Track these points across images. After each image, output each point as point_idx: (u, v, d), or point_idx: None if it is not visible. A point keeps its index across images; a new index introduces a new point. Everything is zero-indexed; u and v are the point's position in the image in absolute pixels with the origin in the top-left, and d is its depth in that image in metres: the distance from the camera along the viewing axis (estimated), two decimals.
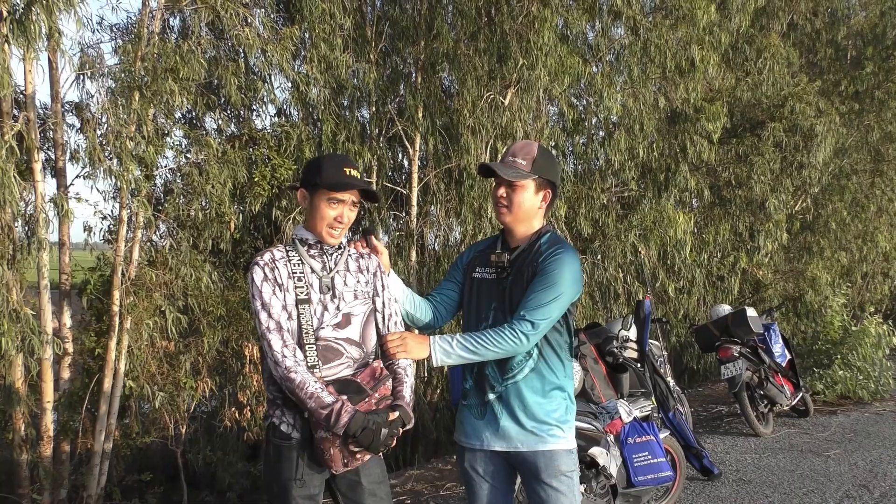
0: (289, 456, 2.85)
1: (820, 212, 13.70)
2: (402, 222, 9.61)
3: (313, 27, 7.69)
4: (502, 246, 3.24)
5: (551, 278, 3.01)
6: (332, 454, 2.77)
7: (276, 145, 8.08)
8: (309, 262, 2.93)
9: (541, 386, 3.11)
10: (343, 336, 2.92)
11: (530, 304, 2.99)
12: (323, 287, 2.92)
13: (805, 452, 7.23)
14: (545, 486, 3.08)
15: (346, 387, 2.81)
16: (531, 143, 3.16)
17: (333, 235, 2.94)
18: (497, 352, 2.97)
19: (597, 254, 10.38)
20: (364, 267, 3.09)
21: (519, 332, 2.95)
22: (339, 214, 2.91)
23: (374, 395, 2.84)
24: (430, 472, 7.06)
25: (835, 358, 9.88)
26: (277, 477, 2.87)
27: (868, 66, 13.64)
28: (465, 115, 8.65)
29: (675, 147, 10.75)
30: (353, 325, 2.96)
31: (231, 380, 8.21)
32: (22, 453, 6.32)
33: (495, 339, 2.95)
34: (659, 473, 4.92)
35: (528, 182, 3.09)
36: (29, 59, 5.93)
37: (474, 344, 2.95)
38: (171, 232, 7.34)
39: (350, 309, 2.96)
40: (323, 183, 2.89)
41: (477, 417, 3.18)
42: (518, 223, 3.16)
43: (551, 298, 2.99)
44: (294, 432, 2.86)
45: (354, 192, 2.93)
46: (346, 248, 3.06)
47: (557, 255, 3.05)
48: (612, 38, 10.23)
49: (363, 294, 3.02)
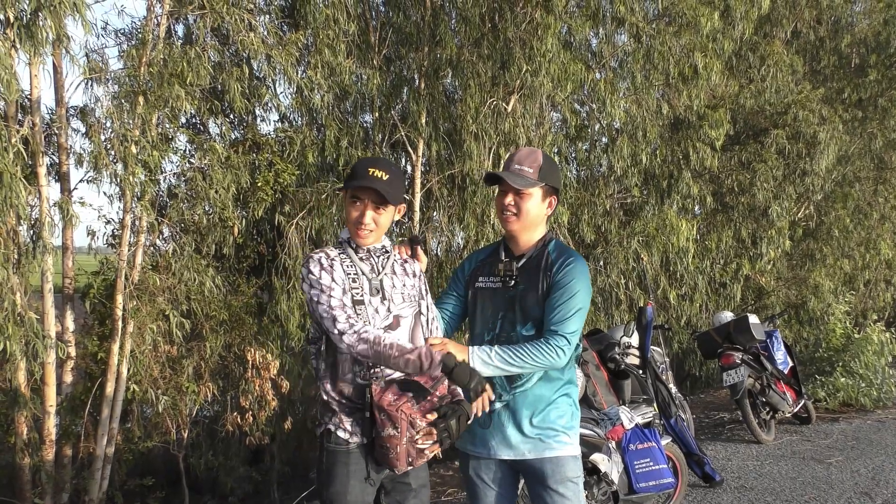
0: (346, 461, 2.83)
1: (823, 219, 13.69)
2: (405, 228, 9.62)
3: (317, 33, 7.71)
4: (506, 254, 3.24)
5: (571, 289, 3.04)
6: (398, 452, 2.73)
7: (280, 150, 8.10)
8: (359, 264, 2.95)
9: (547, 393, 3.12)
10: (394, 338, 2.91)
11: (558, 319, 3.02)
12: (373, 289, 2.93)
13: (807, 460, 7.22)
14: (551, 493, 3.08)
15: (408, 386, 2.81)
16: (536, 151, 3.17)
17: (360, 236, 2.94)
18: (534, 365, 2.98)
19: (599, 260, 10.38)
20: (410, 271, 3.11)
21: (556, 347, 2.97)
22: (361, 215, 2.90)
23: (435, 395, 2.83)
24: (432, 479, 7.04)
25: (837, 365, 9.86)
26: (332, 482, 2.84)
27: (871, 74, 13.64)
28: (468, 121, 8.66)
29: (678, 154, 10.75)
30: (403, 326, 2.98)
31: (233, 384, 8.22)
32: (24, 457, 6.32)
33: (533, 352, 2.96)
34: (660, 480, 4.92)
35: (535, 190, 3.12)
36: (35, 64, 5.96)
37: (512, 356, 2.96)
38: (174, 236, 7.36)
39: (399, 311, 2.98)
40: (349, 180, 2.93)
41: (483, 426, 3.18)
42: (525, 231, 3.17)
43: (576, 310, 3.03)
44: (352, 437, 2.84)
45: (372, 192, 2.90)
46: (391, 251, 3.07)
47: (570, 266, 3.08)
48: (615, 44, 10.26)
49: (410, 297, 3.04)
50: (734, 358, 7.81)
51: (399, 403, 2.74)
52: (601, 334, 5.98)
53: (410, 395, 2.77)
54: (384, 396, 2.76)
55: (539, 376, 3.11)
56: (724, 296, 12.13)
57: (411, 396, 2.77)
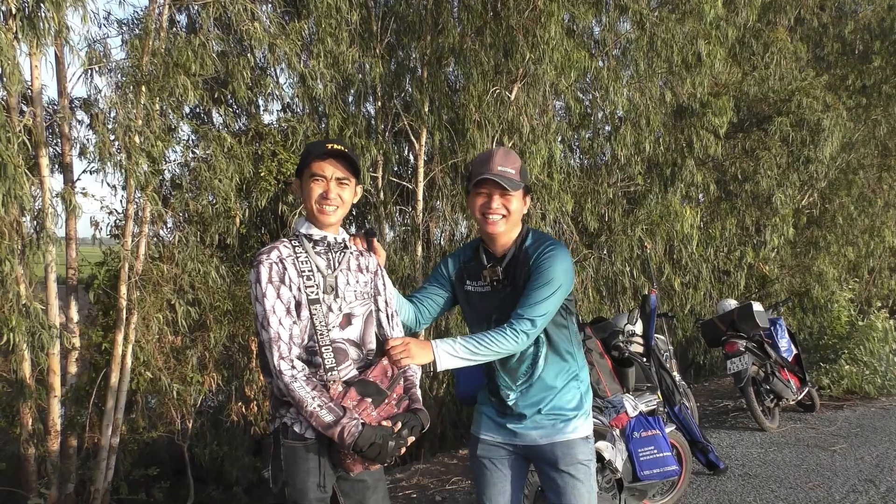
0: (305, 457, 2.77)
1: (827, 206, 13.66)
2: (408, 217, 9.62)
3: (320, 22, 7.69)
4: (487, 257, 3.24)
5: (546, 276, 3.02)
6: (354, 458, 2.71)
7: (283, 140, 8.09)
8: (315, 259, 2.88)
9: (555, 383, 3.13)
10: (346, 337, 2.88)
11: (527, 302, 3.01)
12: (327, 287, 2.86)
13: (811, 447, 7.22)
14: (562, 474, 3.09)
15: (367, 388, 2.75)
16: (511, 152, 3.18)
17: (326, 212, 2.86)
18: (499, 350, 2.97)
19: (603, 248, 10.37)
20: (364, 266, 3.04)
21: (519, 331, 2.96)
22: (325, 190, 2.84)
23: (393, 396, 2.80)
24: (436, 467, 7.07)
25: (841, 353, 9.86)
26: (293, 480, 2.77)
27: (875, 61, 13.59)
28: (471, 110, 8.65)
29: (682, 142, 10.73)
30: (354, 325, 2.92)
31: (238, 374, 8.25)
32: (29, 448, 6.35)
33: (496, 338, 2.96)
34: (664, 468, 4.92)
35: (519, 191, 3.13)
36: (37, 55, 5.95)
37: (476, 345, 2.95)
38: (178, 226, 7.36)
39: (350, 309, 2.92)
40: (305, 161, 2.87)
41: (497, 415, 3.21)
42: (509, 231, 3.17)
43: (547, 295, 3.01)
44: (308, 432, 2.76)
45: (338, 166, 2.85)
46: (350, 246, 3.01)
47: (549, 253, 3.07)
48: (618, 32, 10.23)
49: (362, 294, 2.98)
50: (738, 346, 7.80)
51: (360, 409, 2.70)
52: (605, 322, 5.97)
53: (370, 402, 2.73)
54: (344, 400, 2.71)
55: (542, 368, 3.13)
56: (727, 284, 12.13)
57: (370, 402, 2.73)
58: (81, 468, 6.79)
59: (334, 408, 2.67)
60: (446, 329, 8.74)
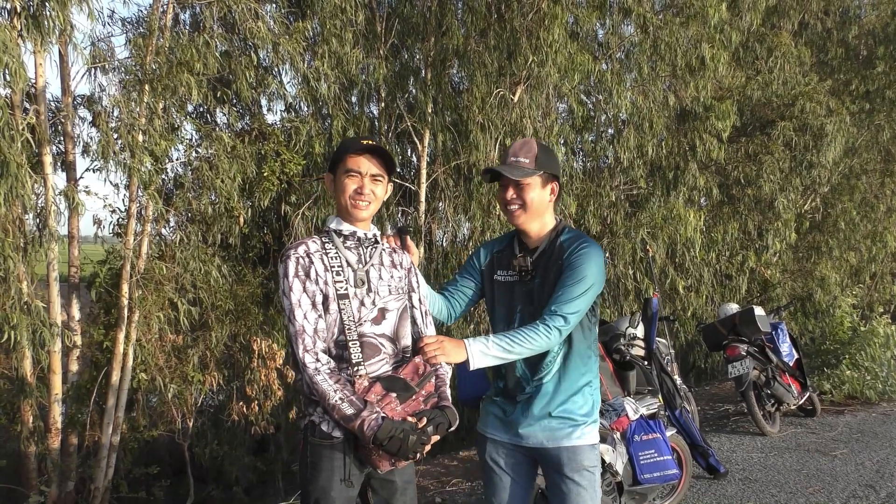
0: (330, 456, 2.76)
1: (829, 211, 13.65)
2: (411, 218, 9.62)
3: (324, 22, 7.70)
4: (520, 247, 3.24)
5: (580, 272, 3.01)
6: (381, 454, 2.68)
7: (286, 140, 8.10)
8: (345, 254, 2.87)
9: (571, 383, 3.12)
10: (379, 332, 2.87)
11: (561, 299, 2.99)
12: (357, 281, 2.85)
13: (812, 452, 7.21)
14: (567, 481, 3.08)
15: (393, 384, 2.75)
16: (529, 141, 3.17)
17: (360, 207, 2.87)
18: (532, 348, 2.95)
19: (605, 251, 10.36)
20: (398, 262, 3.04)
21: (552, 327, 2.95)
22: (360, 186, 2.85)
23: (422, 393, 2.79)
24: (437, 468, 7.06)
25: (842, 358, 9.85)
26: (316, 478, 2.77)
27: (879, 66, 13.58)
28: (474, 112, 8.65)
29: (685, 145, 10.73)
30: (388, 320, 2.90)
31: (239, 374, 8.24)
32: (30, 445, 6.35)
33: (529, 335, 2.94)
34: (665, 471, 4.91)
35: (534, 179, 3.11)
36: (40, 53, 5.95)
37: (510, 342, 2.93)
38: (180, 226, 7.36)
39: (384, 304, 2.91)
40: (339, 155, 2.88)
41: (507, 414, 3.20)
42: (532, 221, 3.16)
43: (581, 292, 3.00)
44: (336, 430, 2.76)
45: (374, 162, 2.86)
46: (380, 241, 3.01)
47: (583, 250, 3.06)
48: (622, 35, 10.23)
49: (397, 290, 2.97)
50: (739, 350, 7.79)
51: (383, 404, 2.69)
52: (607, 325, 5.97)
53: (394, 396, 2.71)
54: (368, 394, 2.70)
55: (560, 365, 3.12)
56: (729, 288, 12.12)
57: (395, 397, 2.72)
58: (82, 466, 6.80)
59: (356, 401, 2.66)
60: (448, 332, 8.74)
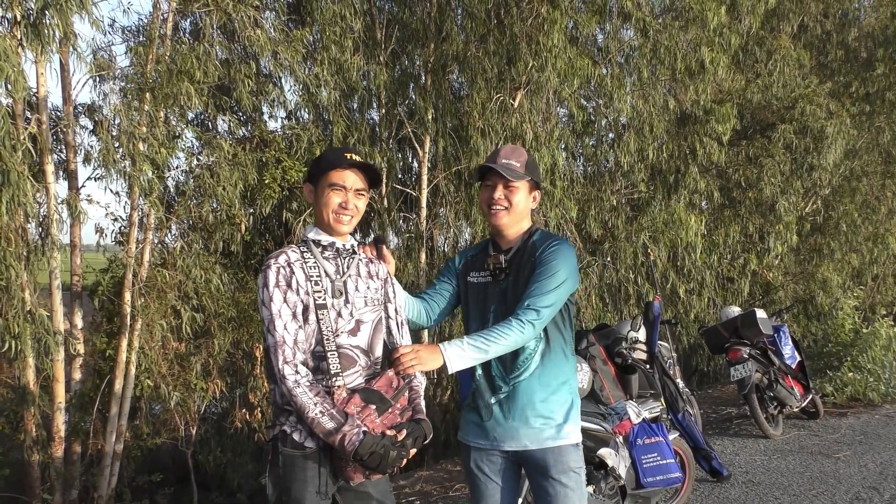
0: (303, 466, 2.72)
1: (830, 214, 13.65)
2: (412, 224, 9.63)
3: (324, 30, 7.72)
4: (494, 249, 3.29)
5: (552, 268, 3.05)
6: (354, 467, 2.67)
7: (287, 147, 8.11)
8: (323, 264, 2.85)
9: (547, 383, 3.12)
10: (355, 343, 2.86)
11: (533, 293, 3.02)
12: (335, 291, 2.84)
13: (815, 454, 7.21)
14: (554, 483, 3.08)
15: (370, 396, 2.72)
16: (519, 148, 3.25)
17: (342, 222, 2.85)
18: (507, 344, 2.96)
19: (606, 255, 10.37)
20: (374, 273, 3.02)
21: (525, 321, 2.96)
22: (344, 200, 2.84)
23: (397, 406, 2.77)
24: (440, 474, 7.07)
25: (845, 360, 9.85)
26: (289, 490, 2.73)
27: (879, 68, 13.58)
28: (474, 117, 8.67)
29: (685, 149, 10.74)
30: (363, 332, 2.89)
31: (241, 381, 8.25)
32: (33, 454, 6.36)
33: (502, 331, 2.95)
34: (668, 475, 4.91)
35: (523, 183, 3.19)
36: (41, 62, 5.97)
37: (485, 341, 2.93)
38: (182, 234, 7.38)
39: (360, 315, 2.89)
40: (323, 168, 2.86)
41: (485, 418, 3.19)
42: (513, 224, 3.22)
43: (554, 286, 3.03)
44: (309, 441, 2.73)
45: (359, 177, 2.86)
46: (358, 252, 3.00)
47: (555, 247, 3.11)
48: (621, 39, 10.24)
49: (373, 301, 2.95)
50: (742, 353, 7.80)
51: (363, 415, 2.67)
52: (608, 329, 5.97)
53: (373, 409, 2.70)
54: (348, 406, 2.67)
55: (537, 364, 3.12)
56: (731, 291, 12.11)
57: (374, 409, 2.70)
58: (85, 474, 6.80)
59: (336, 414, 2.63)
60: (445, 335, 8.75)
